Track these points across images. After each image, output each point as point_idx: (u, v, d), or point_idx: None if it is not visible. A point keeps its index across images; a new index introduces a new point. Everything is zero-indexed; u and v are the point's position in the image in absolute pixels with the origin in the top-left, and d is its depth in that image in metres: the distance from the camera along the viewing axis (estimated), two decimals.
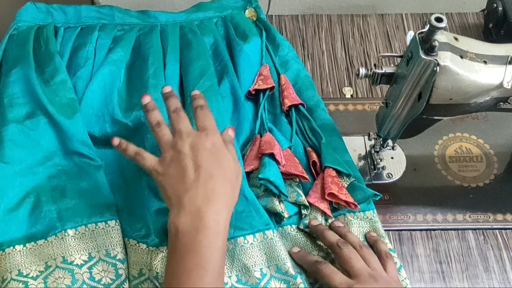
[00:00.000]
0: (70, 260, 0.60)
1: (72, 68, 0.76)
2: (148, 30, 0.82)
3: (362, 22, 0.93)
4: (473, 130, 0.78)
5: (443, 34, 0.56)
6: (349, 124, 0.78)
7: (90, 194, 0.65)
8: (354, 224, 0.65)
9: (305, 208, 0.66)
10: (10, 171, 0.65)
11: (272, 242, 0.61)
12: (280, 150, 0.67)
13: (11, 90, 0.72)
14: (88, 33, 0.80)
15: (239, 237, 0.62)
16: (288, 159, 0.67)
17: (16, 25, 0.80)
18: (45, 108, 0.69)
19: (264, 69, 0.78)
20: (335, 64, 0.87)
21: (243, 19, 0.85)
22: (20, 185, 0.64)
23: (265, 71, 0.77)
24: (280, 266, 0.60)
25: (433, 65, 0.55)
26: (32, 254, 0.60)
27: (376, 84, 0.63)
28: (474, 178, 0.73)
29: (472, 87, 0.57)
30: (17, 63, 0.75)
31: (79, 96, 0.73)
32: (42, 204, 0.64)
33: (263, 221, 0.63)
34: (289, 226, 0.65)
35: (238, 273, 0.60)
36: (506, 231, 0.69)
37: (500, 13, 0.85)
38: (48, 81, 0.72)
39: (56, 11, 0.82)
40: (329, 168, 0.67)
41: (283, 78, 0.77)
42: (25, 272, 0.59)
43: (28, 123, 0.68)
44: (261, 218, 0.63)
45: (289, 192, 0.66)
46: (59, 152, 0.68)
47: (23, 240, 0.61)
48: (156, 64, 0.77)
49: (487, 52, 0.58)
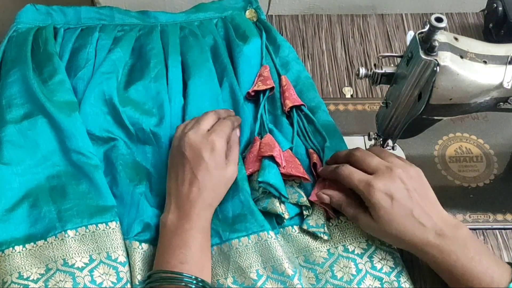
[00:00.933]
0: (71, 263, 0.60)
1: (73, 69, 0.76)
2: (148, 31, 0.82)
3: (362, 22, 0.93)
4: (473, 130, 0.78)
5: (443, 34, 0.56)
6: (349, 124, 0.78)
7: (90, 195, 0.65)
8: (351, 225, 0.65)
9: (307, 208, 0.66)
10: (9, 171, 0.65)
11: (267, 244, 0.61)
12: (281, 152, 0.67)
13: (9, 91, 0.72)
14: (88, 34, 0.80)
15: (233, 240, 0.62)
16: (289, 160, 0.67)
17: (16, 27, 0.80)
18: (43, 108, 0.69)
19: (264, 70, 0.78)
20: (335, 64, 0.87)
21: (243, 20, 0.85)
22: (19, 186, 0.64)
23: (265, 72, 0.77)
24: (276, 267, 0.60)
25: (433, 65, 0.55)
26: (32, 256, 0.60)
27: (376, 84, 0.63)
28: (474, 178, 0.73)
29: (472, 87, 0.57)
30: (15, 64, 0.75)
31: (80, 96, 0.73)
32: (42, 204, 0.63)
33: (258, 223, 0.63)
34: (290, 227, 0.65)
35: (234, 275, 0.60)
36: (506, 231, 0.70)
37: (500, 13, 0.85)
38: (46, 81, 0.72)
39: (56, 12, 0.82)
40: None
41: (284, 79, 0.77)
42: (25, 275, 0.59)
43: (25, 123, 0.68)
44: (256, 220, 0.63)
45: (290, 193, 0.66)
46: (58, 152, 0.68)
47: (22, 240, 0.61)
48: (158, 66, 0.77)
49: (487, 52, 0.58)
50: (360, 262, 0.63)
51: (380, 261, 0.63)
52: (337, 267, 0.63)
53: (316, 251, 0.64)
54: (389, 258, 0.63)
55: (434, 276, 0.65)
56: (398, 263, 0.63)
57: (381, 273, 0.62)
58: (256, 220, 0.63)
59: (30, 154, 0.67)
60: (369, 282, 0.62)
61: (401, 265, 0.63)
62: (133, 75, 0.77)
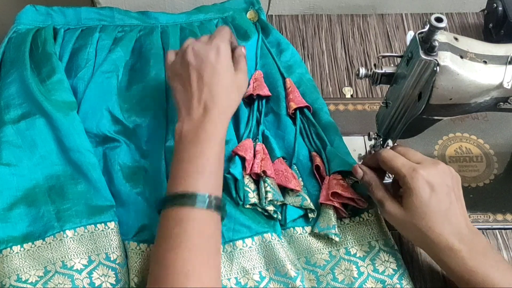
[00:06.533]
0: (70, 265, 0.60)
1: (73, 69, 0.76)
2: (149, 31, 0.82)
3: (362, 22, 0.93)
4: (473, 130, 0.78)
5: (443, 34, 0.56)
6: (349, 124, 0.78)
7: (88, 194, 0.65)
8: (354, 227, 0.65)
9: (312, 211, 0.65)
10: (7, 172, 0.65)
11: (270, 245, 0.61)
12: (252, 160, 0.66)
13: (7, 92, 0.72)
14: (88, 34, 0.80)
15: (237, 240, 0.62)
16: (279, 171, 0.66)
17: (16, 27, 0.80)
18: (41, 107, 0.69)
19: (258, 74, 0.77)
20: (335, 64, 0.87)
21: (245, 20, 0.84)
22: (17, 186, 0.64)
23: (260, 77, 0.77)
24: (279, 269, 0.60)
25: (433, 65, 0.55)
26: (30, 257, 0.60)
27: (376, 84, 0.63)
28: (474, 178, 0.73)
29: (472, 87, 0.57)
30: (14, 65, 0.74)
31: (80, 96, 0.73)
32: (40, 204, 0.63)
33: (261, 224, 0.63)
34: (292, 229, 0.65)
35: (237, 276, 0.60)
36: (506, 231, 0.70)
37: (500, 13, 0.85)
38: (44, 81, 0.72)
39: (56, 13, 0.82)
40: (335, 173, 0.66)
41: (289, 82, 0.76)
42: (24, 278, 0.58)
43: (23, 123, 0.68)
44: (259, 221, 0.63)
45: (293, 197, 0.66)
46: (56, 151, 0.67)
47: (20, 239, 0.61)
48: (157, 66, 0.77)
49: (487, 52, 0.58)
50: (362, 265, 0.63)
51: (383, 263, 0.63)
52: (338, 269, 0.62)
53: (318, 253, 0.64)
54: (391, 261, 0.63)
55: (434, 276, 0.65)
56: (400, 265, 0.63)
57: (384, 276, 0.62)
58: (260, 221, 0.63)
59: (28, 154, 0.67)
60: (371, 284, 0.61)
61: (404, 268, 0.63)
62: (133, 75, 0.77)
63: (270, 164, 0.66)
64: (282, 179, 0.66)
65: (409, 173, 0.57)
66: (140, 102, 0.74)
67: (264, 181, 0.64)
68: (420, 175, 0.56)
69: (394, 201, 0.59)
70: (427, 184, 0.56)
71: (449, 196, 0.57)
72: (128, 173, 0.68)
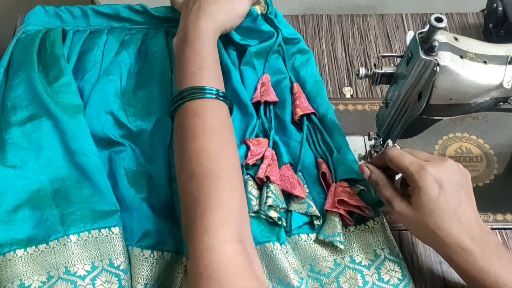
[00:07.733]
0: (73, 271, 0.59)
1: (80, 72, 0.75)
2: (154, 34, 0.81)
3: (362, 22, 0.93)
4: (473, 130, 0.78)
5: (443, 34, 0.56)
6: (349, 124, 0.78)
7: (93, 198, 0.64)
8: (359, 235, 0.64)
9: (317, 218, 0.65)
10: (12, 174, 0.64)
11: (272, 255, 0.60)
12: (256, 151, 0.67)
13: (14, 93, 0.71)
14: (96, 36, 0.80)
15: None
16: (285, 177, 0.66)
17: (25, 28, 0.80)
18: (47, 109, 0.68)
19: (266, 78, 0.76)
20: (335, 64, 0.87)
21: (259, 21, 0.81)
22: (22, 188, 0.64)
23: (267, 81, 0.76)
24: (281, 278, 0.59)
25: (433, 65, 0.55)
26: (34, 262, 0.59)
27: (376, 84, 0.63)
28: (474, 178, 0.73)
29: (472, 87, 0.57)
30: (21, 66, 0.74)
31: (86, 99, 0.72)
32: (45, 207, 0.63)
33: (263, 233, 0.62)
34: (296, 236, 0.65)
35: None
36: (506, 231, 0.70)
37: (500, 13, 0.85)
38: (52, 83, 0.71)
39: (65, 14, 0.81)
40: (341, 180, 0.66)
41: (296, 87, 0.76)
42: (27, 283, 0.58)
43: (30, 125, 0.68)
44: (261, 231, 0.62)
45: (299, 203, 0.65)
46: (61, 154, 0.67)
47: (24, 242, 0.60)
48: (163, 69, 0.76)
49: (487, 52, 0.58)
50: (367, 274, 0.62)
51: (388, 272, 0.62)
52: (343, 278, 0.62)
53: (323, 261, 0.63)
54: (397, 270, 0.62)
55: (434, 276, 0.65)
56: (405, 275, 0.62)
57: (389, 285, 0.61)
58: (261, 231, 0.62)
59: (34, 157, 0.66)
60: None
61: (409, 277, 0.62)
62: (138, 78, 0.77)
63: (276, 171, 0.66)
64: (287, 185, 0.65)
65: (417, 170, 0.56)
66: (146, 106, 0.74)
67: (267, 187, 0.64)
68: (428, 173, 0.56)
69: (403, 199, 0.58)
70: (436, 181, 0.55)
71: (458, 194, 0.56)
72: (133, 178, 0.67)
